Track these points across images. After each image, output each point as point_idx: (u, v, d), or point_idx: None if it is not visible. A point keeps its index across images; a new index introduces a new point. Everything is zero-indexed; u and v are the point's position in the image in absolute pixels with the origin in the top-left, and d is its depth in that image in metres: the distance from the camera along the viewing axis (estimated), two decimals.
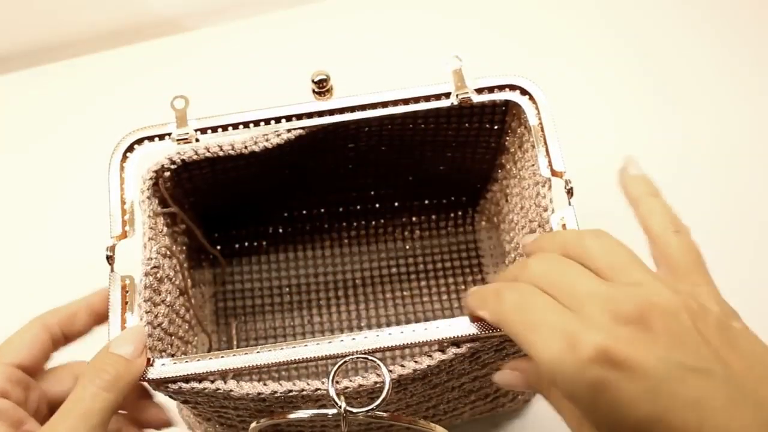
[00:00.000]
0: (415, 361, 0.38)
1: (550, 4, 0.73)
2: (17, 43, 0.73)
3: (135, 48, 0.72)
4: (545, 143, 0.43)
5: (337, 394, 0.37)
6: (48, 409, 0.39)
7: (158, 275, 0.42)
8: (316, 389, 0.38)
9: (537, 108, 0.44)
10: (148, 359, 0.38)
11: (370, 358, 0.38)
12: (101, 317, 0.41)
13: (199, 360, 0.38)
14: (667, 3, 0.72)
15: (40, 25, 0.72)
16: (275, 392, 0.38)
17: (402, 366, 0.38)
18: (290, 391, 0.38)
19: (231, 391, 0.38)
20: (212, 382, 0.38)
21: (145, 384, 0.39)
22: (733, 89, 0.67)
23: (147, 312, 0.40)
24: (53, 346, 0.40)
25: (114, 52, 0.72)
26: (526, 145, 0.46)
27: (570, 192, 0.42)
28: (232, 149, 0.45)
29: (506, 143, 0.50)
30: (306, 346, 0.38)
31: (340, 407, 0.37)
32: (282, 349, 0.38)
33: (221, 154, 0.45)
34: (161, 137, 0.44)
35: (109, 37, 0.73)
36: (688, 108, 0.67)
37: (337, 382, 0.38)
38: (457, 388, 0.44)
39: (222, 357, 0.38)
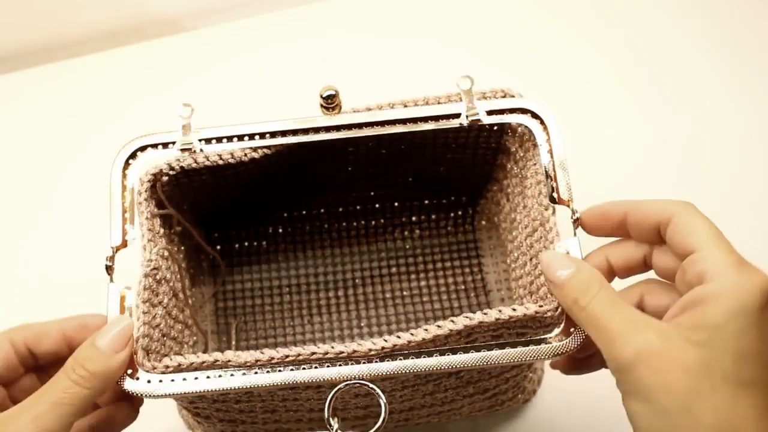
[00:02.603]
0: (411, 334, 0.39)
1: (551, 5, 0.73)
2: (17, 43, 0.73)
3: (135, 48, 0.72)
4: (554, 170, 0.43)
5: (332, 416, 0.38)
6: None
7: (157, 277, 0.42)
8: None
9: (547, 132, 0.44)
10: (132, 369, 0.38)
11: (369, 385, 0.38)
12: (73, 342, 0.40)
13: (193, 379, 0.38)
14: (667, 3, 0.72)
15: (40, 25, 0.72)
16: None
17: (398, 337, 0.39)
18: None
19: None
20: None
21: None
22: (733, 89, 0.67)
23: (144, 313, 0.40)
24: (19, 361, 0.40)
25: (114, 52, 0.72)
26: (527, 144, 0.46)
27: (576, 222, 0.41)
28: (232, 158, 0.45)
29: (507, 143, 0.49)
30: (304, 369, 0.38)
31: (332, 428, 0.37)
32: (280, 371, 0.38)
33: (221, 163, 0.45)
34: (165, 145, 0.44)
35: (109, 37, 0.73)
36: (688, 108, 0.67)
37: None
38: (455, 374, 0.44)
39: (219, 377, 0.38)
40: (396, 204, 0.57)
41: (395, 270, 0.58)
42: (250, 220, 0.57)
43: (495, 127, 0.48)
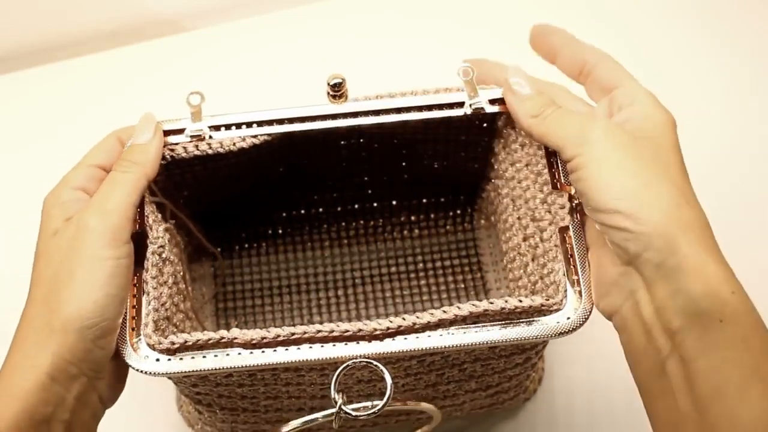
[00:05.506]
0: (417, 316, 0.39)
1: (552, 6, 0.73)
2: (17, 43, 0.73)
3: (135, 48, 0.72)
4: (555, 156, 0.43)
5: (338, 391, 0.38)
6: None
7: (162, 255, 0.43)
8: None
9: None
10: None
11: (374, 363, 0.38)
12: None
13: (201, 357, 0.39)
14: (667, 3, 0.72)
15: (40, 25, 0.73)
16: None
17: (403, 319, 0.39)
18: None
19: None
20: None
21: None
22: (733, 89, 0.67)
23: (154, 288, 0.41)
24: None
25: (114, 52, 0.72)
26: (514, 146, 0.47)
27: (575, 209, 0.41)
28: (221, 146, 0.45)
29: (493, 145, 0.50)
30: (310, 348, 0.39)
31: (337, 404, 0.38)
32: (286, 350, 0.39)
33: (210, 152, 0.45)
34: (175, 133, 0.44)
35: (109, 37, 0.73)
36: (688, 108, 0.67)
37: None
38: (458, 366, 0.45)
39: (227, 356, 0.39)
40: (394, 203, 0.58)
41: (395, 269, 0.58)
42: (250, 221, 0.57)
43: (485, 125, 0.49)
